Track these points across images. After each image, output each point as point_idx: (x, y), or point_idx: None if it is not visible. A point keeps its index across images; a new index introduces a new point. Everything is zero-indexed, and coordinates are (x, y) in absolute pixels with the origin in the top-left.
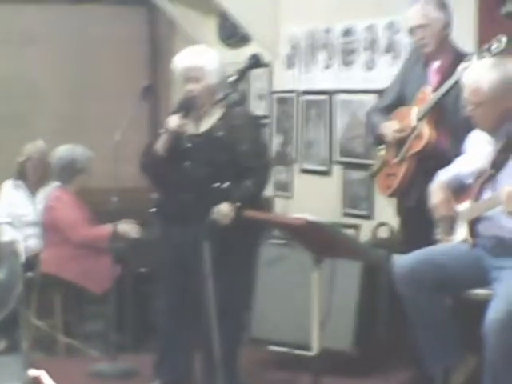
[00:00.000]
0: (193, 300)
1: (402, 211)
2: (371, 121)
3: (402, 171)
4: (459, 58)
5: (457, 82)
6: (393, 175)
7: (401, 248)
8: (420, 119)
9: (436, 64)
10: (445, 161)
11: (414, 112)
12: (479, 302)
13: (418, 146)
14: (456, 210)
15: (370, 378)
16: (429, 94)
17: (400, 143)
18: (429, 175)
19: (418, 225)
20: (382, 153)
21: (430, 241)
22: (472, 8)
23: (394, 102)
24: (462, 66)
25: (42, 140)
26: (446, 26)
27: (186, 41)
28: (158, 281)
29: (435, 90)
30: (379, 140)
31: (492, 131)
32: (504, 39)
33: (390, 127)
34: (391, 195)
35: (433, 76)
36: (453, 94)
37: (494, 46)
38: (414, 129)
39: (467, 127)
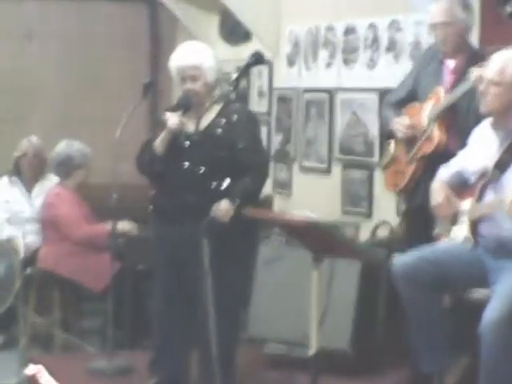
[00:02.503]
0: (189, 299)
1: (406, 210)
2: (384, 116)
3: (410, 171)
4: (475, 59)
5: (471, 88)
6: (401, 174)
7: (400, 247)
8: (432, 120)
9: (452, 63)
10: None
11: (425, 111)
12: (476, 302)
13: (429, 148)
14: (457, 208)
15: (367, 377)
16: (442, 95)
17: (410, 141)
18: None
19: (422, 225)
20: (392, 148)
21: (432, 241)
22: (475, 7)
23: (406, 97)
24: (475, 72)
25: (36, 136)
26: (469, 27)
27: (187, 38)
28: (154, 278)
29: (449, 89)
30: (390, 135)
31: (496, 117)
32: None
33: (401, 123)
34: (398, 193)
35: (448, 75)
36: (466, 97)
37: None
38: (425, 130)
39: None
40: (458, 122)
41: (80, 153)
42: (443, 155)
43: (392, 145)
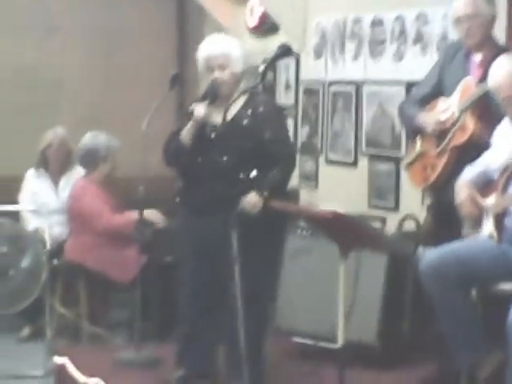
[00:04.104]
0: (216, 290)
1: (436, 204)
2: (406, 113)
3: (441, 163)
4: (501, 52)
5: None
6: (431, 167)
7: (427, 241)
8: (464, 111)
9: (478, 57)
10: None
11: (455, 104)
12: (505, 296)
13: (462, 137)
14: (482, 206)
15: (393, 370)
16: (472, 86)
17: (440, 135)
18: None
19: (451, 220)
20: (418, 144)
21: (460, 238)
22: (503, 3)
23: (431, 93)
24: None
25: (61, 127)
26: (493, 20)
27: (214, 30)
28: (181, 270)
29: (479, 82)
30: (416, 132)
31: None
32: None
33: (430, 118)
34: (428, 188)
35: (476, 69)
36: None
37: None
38: (456, 120)
39: None
40: (491, 112)
41: (105, 145)
42: (476, 146)
43: (419, 141)
